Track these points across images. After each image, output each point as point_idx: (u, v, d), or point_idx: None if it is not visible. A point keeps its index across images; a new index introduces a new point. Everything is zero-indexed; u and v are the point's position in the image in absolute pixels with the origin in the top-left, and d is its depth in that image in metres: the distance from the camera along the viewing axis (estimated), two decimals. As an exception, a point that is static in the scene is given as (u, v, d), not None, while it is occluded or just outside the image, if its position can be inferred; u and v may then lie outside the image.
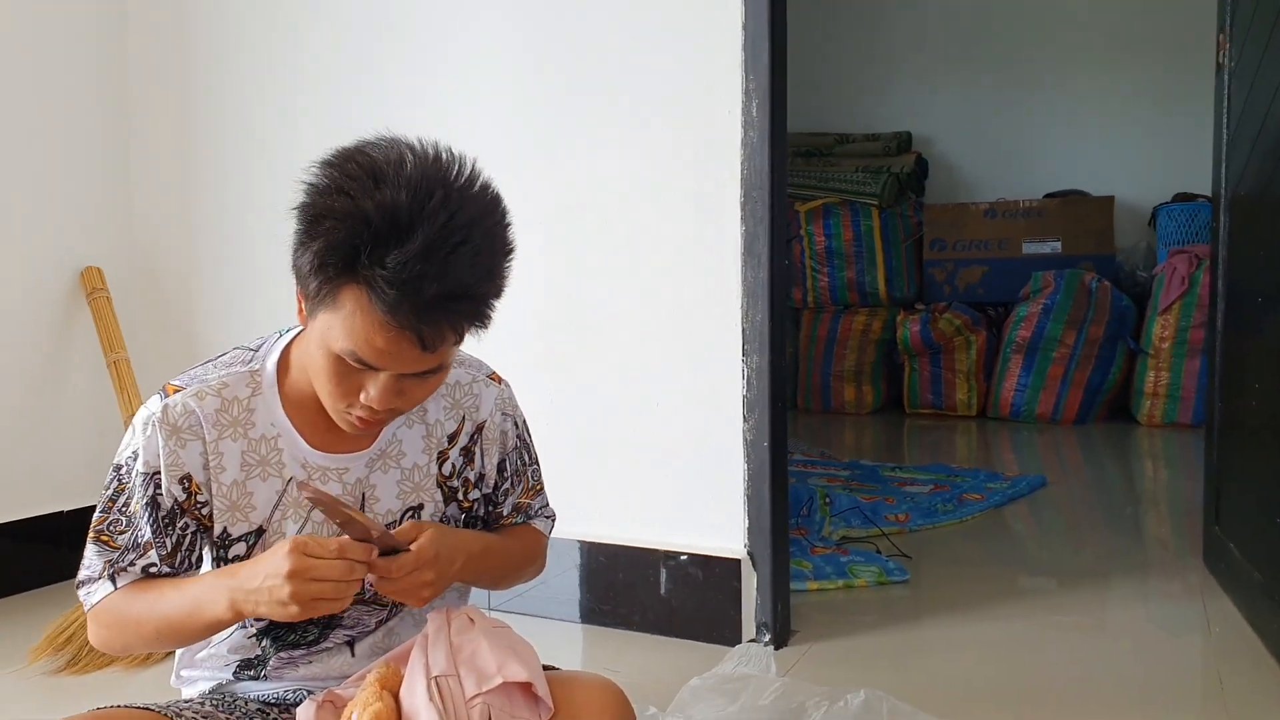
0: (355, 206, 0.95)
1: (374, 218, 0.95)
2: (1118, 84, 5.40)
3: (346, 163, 0.99)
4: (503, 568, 1.27)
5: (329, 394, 1.06)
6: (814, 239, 5.16)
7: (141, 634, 1.14)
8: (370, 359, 1.00)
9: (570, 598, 2.19)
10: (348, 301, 0.98)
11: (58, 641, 1.99)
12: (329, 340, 1.02)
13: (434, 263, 0.95)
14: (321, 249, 0.97)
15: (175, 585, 1.12)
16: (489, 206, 1.02)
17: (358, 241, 0.95)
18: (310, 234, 0.98)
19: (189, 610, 1.09)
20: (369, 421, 1.08)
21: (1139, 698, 1.79)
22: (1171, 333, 4.51)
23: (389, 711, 1.06)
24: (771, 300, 1.98)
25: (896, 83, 5.86)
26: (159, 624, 1.11)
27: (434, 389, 1.09)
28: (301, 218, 0.99)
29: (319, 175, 1.00)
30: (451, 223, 0.96)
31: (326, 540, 1.02)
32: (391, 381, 1.03)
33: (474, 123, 2.22)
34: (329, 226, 0.97)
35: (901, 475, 3.58)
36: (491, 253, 1.01)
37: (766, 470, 2.00)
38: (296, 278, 1.03)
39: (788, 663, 1.94)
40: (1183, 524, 2.99)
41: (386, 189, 0.96)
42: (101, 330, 2.53)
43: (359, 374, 1.03)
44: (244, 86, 2.55)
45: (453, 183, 0.99)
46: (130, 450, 1.13)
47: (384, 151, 1.00)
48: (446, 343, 1.00)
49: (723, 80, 1.97)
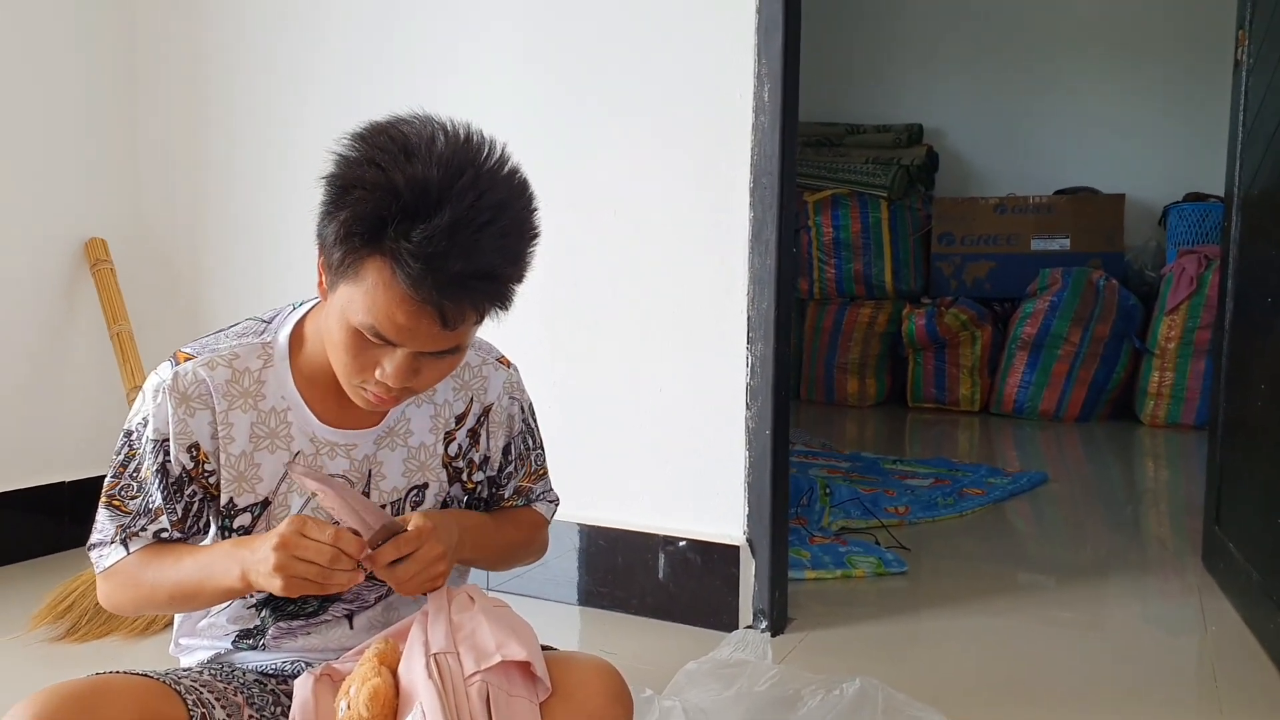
0: (385, 178, 0.95)
1: (404, 191, 0.95)
2: (1131, 81, 5.38)
3: (379, 135, 0.99)
4: (500, 546, 1.27)
5: (345, 368, 1.06)
6: (822, 230, 5.14)
7: (155, 598, 1.16)
8: (389, 334, 1.00)
9: (569, 580, 2.19)
10: (370, 274, 0.98)
11: (58, 609, 2.00)
12: (349, 313, 1.01)
13: (460, 241, 0.95)
14: (348, 219, 0.97)
15: (190, 552, 1.13)
16: (517, 190, 1.02)
17: (385, 213, 0.95)
18: (338, 204, 0.98)
19: (203, 578, 1.11)
20: (383, 399, 1.07)
21: (1134, 694, 1.79)
22: (1178, 333, 4.50)
23: (387, 687, 1.06)
24: (778, 288, 1.97)
25: (909, 75, 5.83)
26: (172, 590, 1.13)
27: (450, 370, 1.08)
28: (329, 188, 0.99)
29: (350, 147, 0.99)
30: (480, 202, 0.96)
31: (325, 524, 1.03)
32: (408, 359, 1.03)
33: (483, 101, 2.21)
34: (358, 196, 0.96)
35: (902, 468, 3.58)
36: (518, 236, 1.01)
37: (768, 459, 2.00)
38: (320, 247, 1.02)
39: (784, 650, 1.94)
40: (1182, 524, 2.99)
41: (418, 164, 0.96)
42: (105, 301, 2.53)
43: (376, 350, 1.03)
44: (253, 58, 2.54)
45: (483, 164, 0.99)
46: (140, 416, 1.14)
47: (416, 128, 1.00)
48: (467, 322, 1.00)
49: (734, 63, 1.96)
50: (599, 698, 1.09)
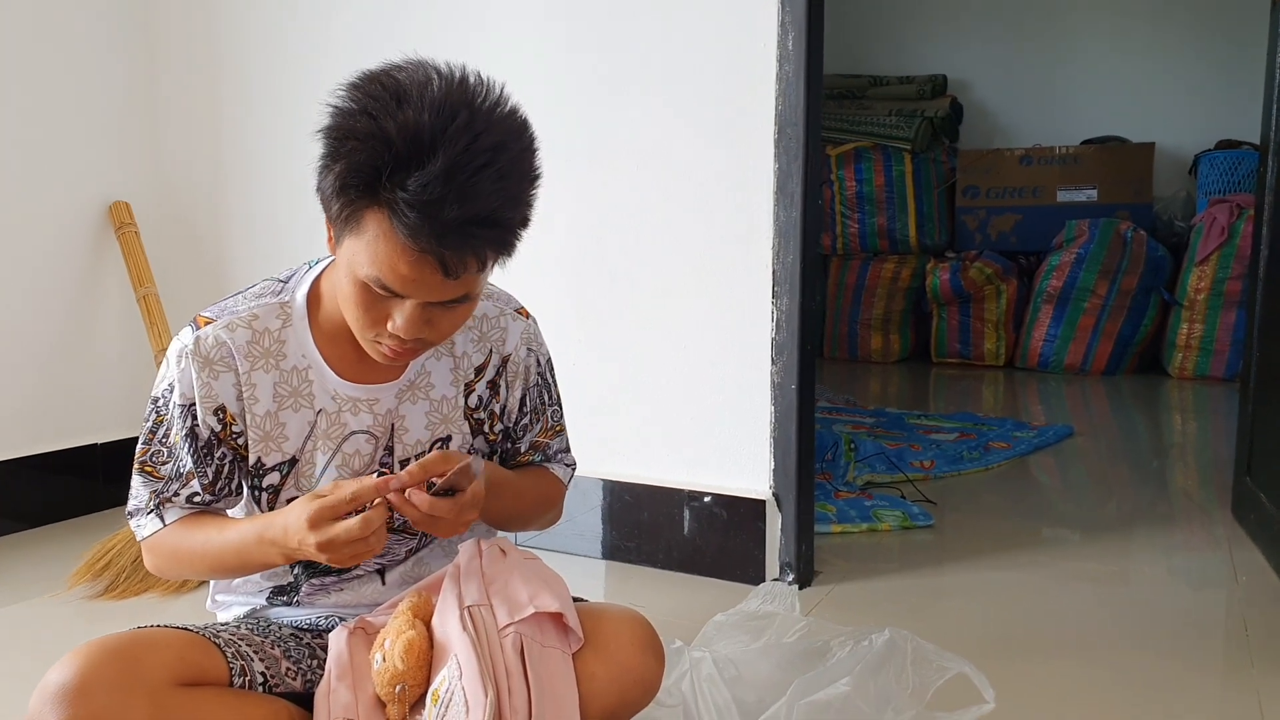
0: (377, 127, 0.94)
1: (395, 139, 0.93)
2: (1160, 26, 5.26)
3: (371, 84, 0.97)
4: (517, 504, 1.27)
5: (357, 322, 1.06)
6: (845, 184, 5.09)
7: (196, 569, 1.20)
8: (395, 285, 0.99)
9: (594, 534, 2.21)
10: (371, 226, 0.97)
11: (96, 567, 2.04)
12: (355, 267, 1.01)
13: (456, 185, 0.93)
14: (343, 171, 0.96)
15: (221, 530, 1.15)
16: (516, 131, 0.99)
17: (379, 163, 0.94)
18: (333, 156, 0.97)
19: (241, 562, 1.15)
20: (399, 352, 1.07)
21: (1162, 645, 1.79)
22: (1208, 284, 4.44)
23: (421, 639, 1.08)
24: (804, 241, 1.95)
25: (932, 25, 5.73)
26: (213, 563, 1.17)
27: (462, 320, 1.08)
28: (325, 140, 0.98)
29: (344, 97, 0.98)
30: (475, 145, 0.94)
31: (337, 502, 1.02)
32: (418, 310, 1.02)
33: (505, 54, 2.19)
34: (350, 148, 0.95)
35: (927, 423, 3.57)
36: (517, 178, 0.99)
37: (793, 413, 2.00)
38: (321, 202, 1.02)
39: (810, 603, 1.95)
40: (1211, 476, 2.97)
41: (409, 109, 0.94)
42: (130, 264, 2.55)
43: (386, 302, 1.03)
44: (272, 17, 2.52)
45: (479, 105, 0.96)
46: (166, 383, 1.15)
47: (410, 74, 0.98)
48: (469, 270, 0.98)
49: (758, 12, 1.93)
50: (631, 647, 1.10)
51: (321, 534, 1.02)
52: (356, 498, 1.02)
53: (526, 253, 1.06)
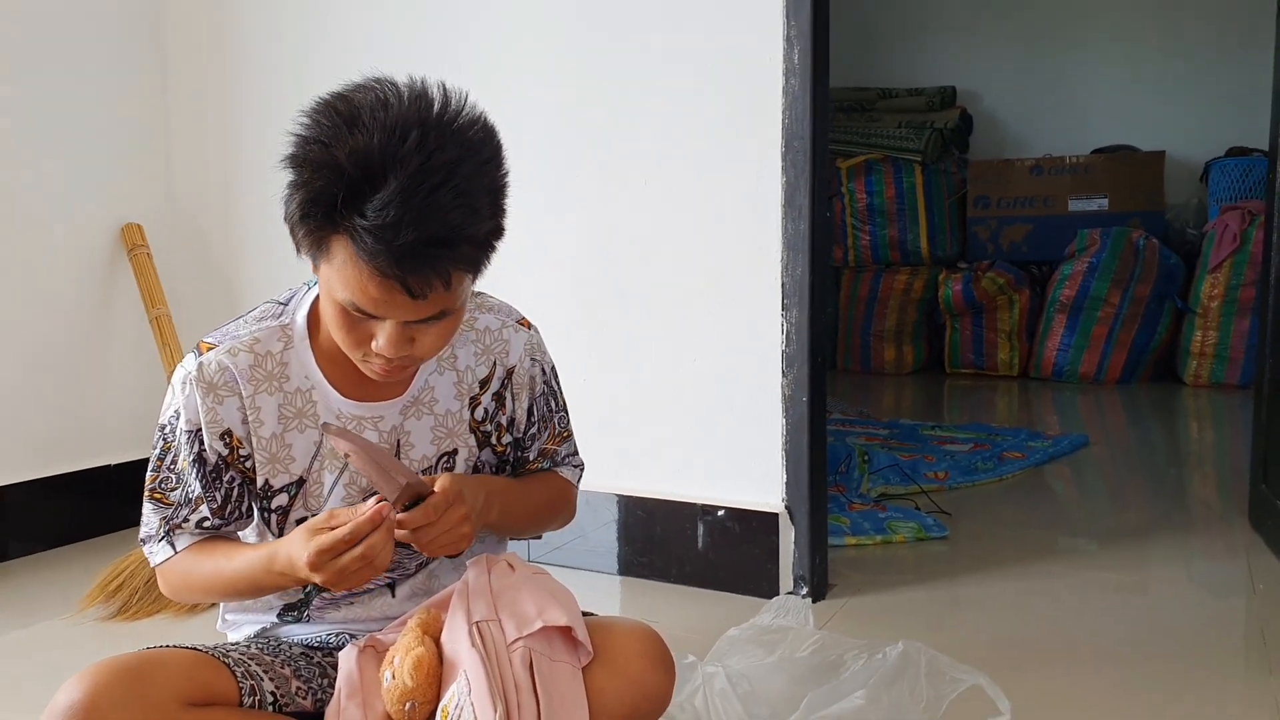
0: (329, 155, 0.93)
1: (347, 166, 0.93)
2: (1169, 34, 5.25)
3: (325, 110, 0.97)
4: (528, 510, 1.27)
5: (344, 343, 1.06)
6: (855, 196, 5.09)
7: (210, 594, 1.21)
8: (368, 308, 0.99)
9: (608, 550, 2.20)
10: (339, 252, 0.97)
11: (109, 589, 2.04)
12: (332, 291, 1.01)
13: (411, 207, 0.92)
14: (303, 200, 0.96)
15: (230, 559, 1.15)
16: (474, 144, 0.98)
17: (334, 191, 0.93)
18: (293, 186, 0.97)
19: (253, 589, 1.16)
20: (389, 369, 1.07)
21: (1181, 655, 1.77)
22: (1221, 291, 4.42)
23: (431, 656, 1.07)
24: (812, 254, 1.95)
25: (940, 36, 5.74)
26: (225, 589, 1.18)
27: (448, 335, 1.06)
28: (288, 169, 0.98)
29: (303, 124, 0.98)
30: (429, 164, 0.93)
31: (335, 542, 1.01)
32: (398, 329, 1.01)
33: (510, 69, 2.20)
34: (307, 177, 0.95)
35: (941, 434, 3.56)
36: (477, 193, 0.97)
37: (805, 425, 1.99)
38: (288, 229, 1.01)
39: (825, 616, 1.94)
40: (1228, 484, 2.94)
41: (360, 134, 0.93)
42: (143, 286, 2.57)
43: (366, 323, 1.02)
44: (286, 42, 2.54)
45: (433, 121, 0.95)
46: (172, 410, 1.15)
47: (367, 94, 0.97)
48: (435, 290, 0.97)
49: (763, 24, 1.93)
50: (641, 661, 1.10)
51: (325, 572, 1.02)
52: (355, 534, 1.01)
53: (536, 268, 1.06)
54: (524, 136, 2.11)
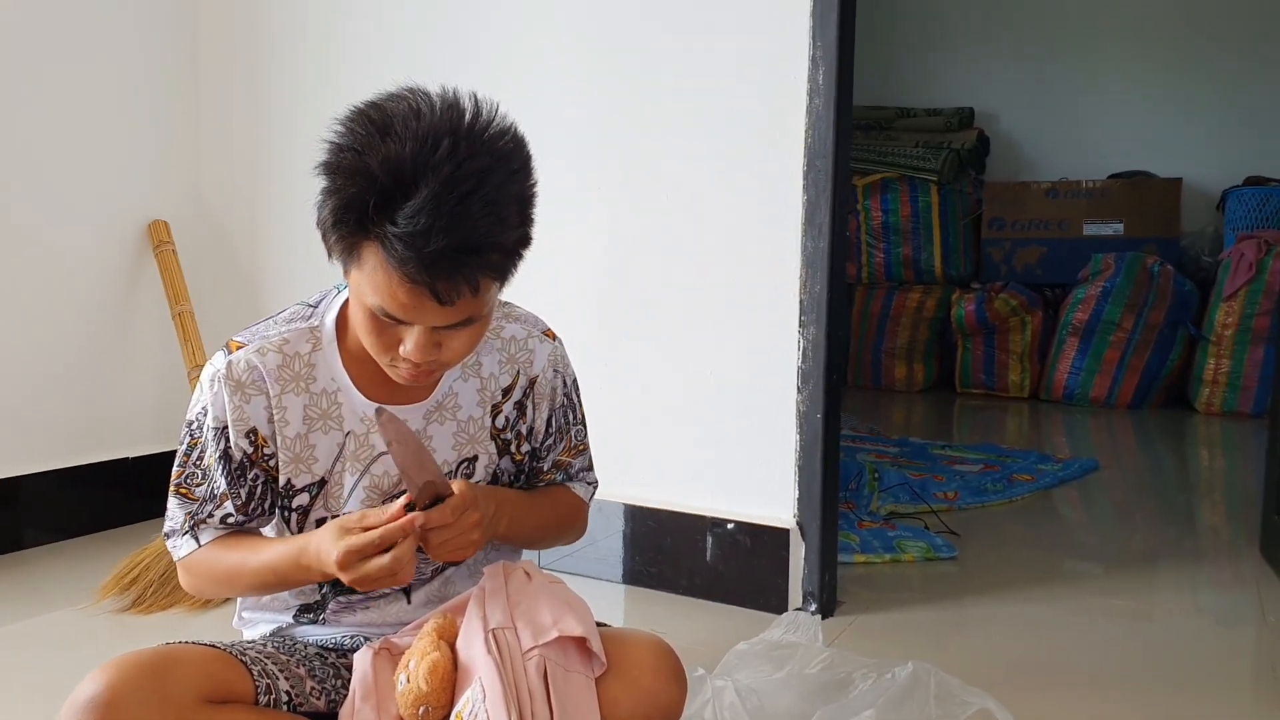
0: (361, 163, 0.96)
1: (379, 173, 0.95)
2: (1188, 61, 5.26)
3: (359, 118, 0.99)
4: (536, 524, 1.29)
5: (372, 348, 1.08)
6: (871, 214, 5.10)
7: (233, 588, 1.22)
8: (397, 313, 1.01)
9: (616, 559, 2.21)
10: (369, 258, 0.99)
11: (124, 581, 2.06)
12: (362, 296, 1.03)
13: (442, 215, 0.94)
14: (335, 207, 0.98)
15: (255, 551, 1.17)
16: (505, 153, 1.00)
17: (366, 198, 0.96)
18: (326, 192, 1.00)
19: (278, 582, 1.18)
20: (415, 374, 1.09)
21: (1187, 684, 1.77)
22: (1235, 320, 4.41)
23: (446, 661, 1.08)
24: (831, 272, 1.96)
25: (959, 57, 5.75)
26: (249, 583, 1.19)
27: (474, 341, 1.09)
28: (321, 175, 1.00)
29: (337, 132, 1.00)
30: (459, 172, 0.95)
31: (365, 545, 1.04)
32: (425, 334, 1.03)
33: (536, 85, 2.22)
34: (340, 184, 0.98)
35: (951, 454, 3.56)
36: (506, 201, 0.99)
37: (819, 441, 2.00)
38: (321, 235, 1.04)
39: (833, 633, 1.94)
40: (1239, 513, 2.94)
41: (392, 142, 0.95)
42: (167, 283, 2.59)
43: (395, 328, 1.04)
44: (316, 41, 2.57)
45: (464, 131, 0.97)
46: (200, 406, 1.17)
47: (400, 103, 0.99)
48: (463, 296, 0.99)
49: (790, 44, 1.95)
50: (654, 674, 1.11)
51: (352, 573, 1.05)
52: (385, 539, 1.04)
53: (558, 279, 1.07)
54: (546, 148, 2.13)
